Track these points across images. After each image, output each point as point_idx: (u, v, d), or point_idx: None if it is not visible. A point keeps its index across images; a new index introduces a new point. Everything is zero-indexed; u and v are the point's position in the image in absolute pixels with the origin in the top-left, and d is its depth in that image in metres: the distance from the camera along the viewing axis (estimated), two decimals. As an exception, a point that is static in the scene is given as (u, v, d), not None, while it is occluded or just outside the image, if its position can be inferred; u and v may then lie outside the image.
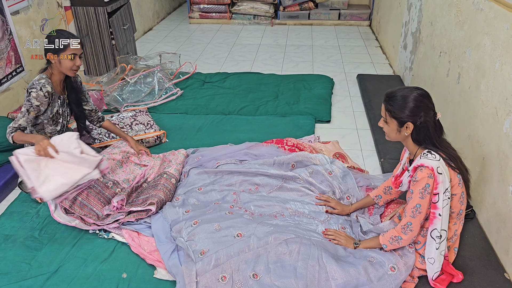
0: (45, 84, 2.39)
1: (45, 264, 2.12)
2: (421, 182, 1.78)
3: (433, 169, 1.76)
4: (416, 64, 3.84)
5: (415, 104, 1.81)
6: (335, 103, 3.98)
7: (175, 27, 6.79)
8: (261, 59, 5.27)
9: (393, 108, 1.85)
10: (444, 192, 1.78)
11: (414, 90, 1.86)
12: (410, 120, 1.83)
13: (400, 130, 1.88)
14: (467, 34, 2.65)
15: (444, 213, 1.81)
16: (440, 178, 1.76)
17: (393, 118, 1.87)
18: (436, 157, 1.80)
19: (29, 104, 2.37)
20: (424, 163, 1.78)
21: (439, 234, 1.82)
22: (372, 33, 6.29)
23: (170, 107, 3.85)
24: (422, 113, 1.81)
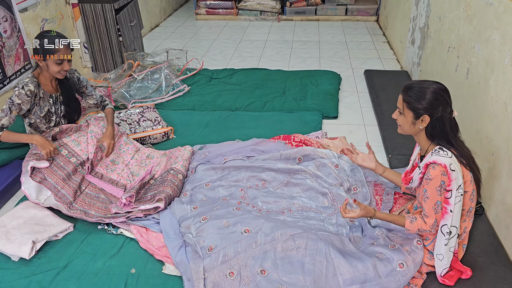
0: (28, 83, 2.39)
1: (55, 259, 2.14)
2: (435, 180, 1.77)
3: (446, 166, 1.75)
4: (424, 60, 3.81)
5: (434, 97, 1.78)
6: (342, 99, 3.97)
7: (181, 23, 6.79)
8: (268, 55, 5.26)
9: (411, 99, 1.82)
10: (457, 189, 1.76)
11: (434, 83, 1.83)
12: (427, 113, 1.80)
13: (415, 123, 1.85)
14: (476, 29, 2.63)
15: (456, 209, 1.79)
16: (453, 175, 1.75)
17: (410, 110, 1.84)
18: (448, 153, 1.78)
19: (11, 102, 2.38)
20: (437, 160, 1.76)
21: (449, 230, 1.81)
22: (379, 29, 6.24)
23: (177, 103, 3.86)
24: (440, 107, 1.78)
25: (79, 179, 2.47)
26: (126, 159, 2.73)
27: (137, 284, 1.99)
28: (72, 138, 2.61)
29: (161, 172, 2.65)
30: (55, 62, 2.38)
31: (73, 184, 2.42)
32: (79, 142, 2.60)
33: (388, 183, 2.53)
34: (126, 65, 4.17)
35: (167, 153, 2.84)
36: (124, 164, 2.69)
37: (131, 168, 2.69)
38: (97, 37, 4.22)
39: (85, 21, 4.13)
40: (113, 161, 2.67)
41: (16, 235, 2.17)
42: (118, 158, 2.70)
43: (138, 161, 2.76)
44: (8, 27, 3.17)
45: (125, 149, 2.78)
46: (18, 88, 2.37)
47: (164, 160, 2.75)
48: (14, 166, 2.79)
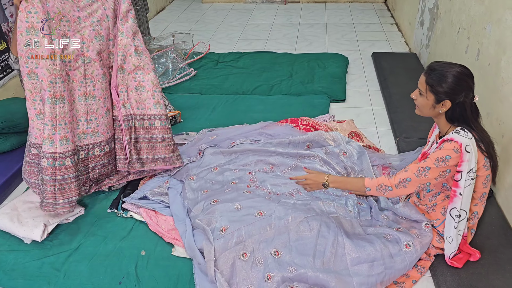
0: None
1: (66, 242, 2.17)
2: (444, 151, 1.73)
3: (462, 145, 1.70)
4: (434, 41, 3.76)
5: (458, 82, 1.72)
6: (350, 82, 3.94)
7: (187, 6, 6.74)
8: (275, 38, 5.22)
9: (435, 82, 1.75)
10: (468, 172, 1.73)
11: (458, 66, 1.75)
12: (449, 98, 1.75)
13: (436, 107, 1.80)
14: (488, 8, 2.58)
15: (466, 193, 1.77)
16: (466, 156, 1.71)
17: (432, 93, 1.78)
18: (468, 135, 1.73)
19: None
20: (454, 137, 1.73)
21: (458, 213, 1.80)
22: (387, 10, 6.15)
23: (184, 87, 3.85)
24: (464, 93, 1.73)
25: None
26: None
27: (147, 265, 2.02)
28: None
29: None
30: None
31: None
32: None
33: (397, 166, 2.52)
34: (133, 49, 4.15)
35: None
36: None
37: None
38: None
39: (90, 4, 4.10)
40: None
41: (28, 218, 2.20)
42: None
43: None
44: (14, 11, 3.16)
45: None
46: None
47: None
48: (24, 150, 2.81)
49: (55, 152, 2.08)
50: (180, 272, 1.98)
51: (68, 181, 2.15)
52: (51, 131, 2.07)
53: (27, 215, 2.22)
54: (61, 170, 2.11)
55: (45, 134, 2.08)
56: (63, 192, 2.14)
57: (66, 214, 2.27)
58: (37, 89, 2.10)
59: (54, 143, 2.08)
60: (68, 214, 2.28)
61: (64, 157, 2.11)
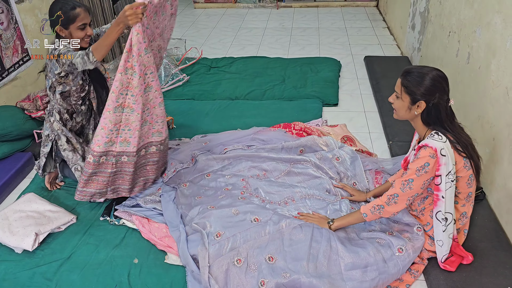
0: (69, 47, 2.23)
1: (58, 251, 2.15)
2: (421, 160, 1.77)
3: (437, 150, 1.74)
4: (425, 45, 3.78)
5: (432, 84, 1.77)
6: (343, 86, 3.95)
7: (180, 12, 6.73)
8: (267, 42, 5.23)
9: (410, 83, 1.81)
10: (447, 174, 1.76)
11: (434, 70, 1.82)
12: (424, 98, 1.79)
13: (411, 108, 1.84)
14: (477, 12, 2.60)
15: (448, 195, 1.80)
16: (443, 160, 1.75)
17: (407, 94, 1.83)
18: (442, 138, 1.78)
19: (65, 48, 2.19)
20: (429, 143, 1.77)
21: (444, 216, 1.82)
22: (379, 14, 6.19)
23: (176, 93, 3.85)
24: (437, 94, 1.77)
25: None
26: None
27: (140, 273, 2.01)
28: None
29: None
30: (78, 28, 2.23)
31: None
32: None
33: (389, 170, 2.53)
34: (125, 55, 4.14)
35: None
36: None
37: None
38: (95, 27, 4.18)
39: (82, 11, 4.10)
40: None
41: (18, 228, 2.18)
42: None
43: None
44: (5, 18, 3.15)
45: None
46: (67, 48, 2.20)
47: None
48: (16, 158, 2.80)
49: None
50: (173, 280, 1.97)
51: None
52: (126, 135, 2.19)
53: (18, 224, 2.20)
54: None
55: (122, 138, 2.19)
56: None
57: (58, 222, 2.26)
58: (119, 118, 2.15)
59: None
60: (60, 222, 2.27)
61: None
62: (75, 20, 2.22)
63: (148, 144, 2.34)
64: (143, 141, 2.30)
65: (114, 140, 2.18)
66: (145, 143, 2.32)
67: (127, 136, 2.19)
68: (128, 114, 2.15)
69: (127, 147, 2.21)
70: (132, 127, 2.17)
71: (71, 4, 2.21)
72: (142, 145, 2.30)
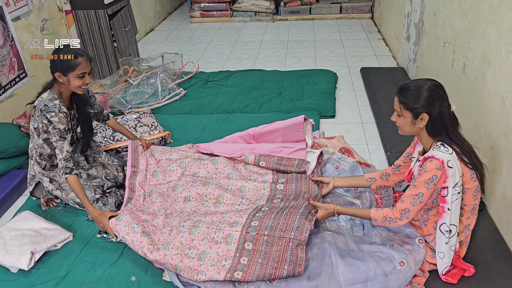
0: (61, 106, 2.29)
1: (54, 270, 2.12)
2: (429, 172, 1.75)
3: (443, 162, 1.73)
4: (420, 56, 3.80)
5: (430, 94, 1.76)
6: (339, 98, 3.95)
7: (176, 26, 6.78)
8: (264, 55, 5.25)
9: (407, 100, 1.80)
10: (454, 186, 1.74)
11: (427, 81, 1.81)
12: (425, 111, 1.78)
13: (415, 122, 1.83)
14: (471, 23, 2.61)
15: (454, 207, 1.78)
16: (449, 172, 1.73)
17: (408, 110, 1.82)
18: (448, 150, 1.76)
19: (58, 131, 2.26)
20: (435, 154, 1.75)
21: (448, 228, 1.79)
22: (374, 26, 6.23)
23: (174, 107, 3.85)
24: (437, 103, 1.77)
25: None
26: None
27: (137, 292, 1.98)
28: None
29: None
30: (77, 77, 2.26)
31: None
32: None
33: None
34: (122, 71, 4.15)
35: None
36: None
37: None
38: (92, 43, 4.21)
39: (79, 27, 4.12)
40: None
41: (14, 246, 2.15)
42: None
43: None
44: (1, 36, 3.15)
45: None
46: (56, 113, 2.26)
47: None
48: (11, 176, 2.78)
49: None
50: (171, 298, 1.94)
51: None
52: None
53: (13, 243, 2.17)
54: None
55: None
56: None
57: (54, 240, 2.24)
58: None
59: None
60: (56, 240, 2.24)
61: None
62: (75, 68, 2.25)
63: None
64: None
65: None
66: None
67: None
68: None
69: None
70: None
71: (74, 52, 2.24)
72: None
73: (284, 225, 1.97)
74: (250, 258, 1.89)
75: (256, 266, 1.86)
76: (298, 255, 1.86)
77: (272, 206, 2.21)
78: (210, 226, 2.06)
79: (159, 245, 2.07)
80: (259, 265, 1.86)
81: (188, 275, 1.92)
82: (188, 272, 1.92)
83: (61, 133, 2.27)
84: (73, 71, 2.25)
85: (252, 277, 1.82)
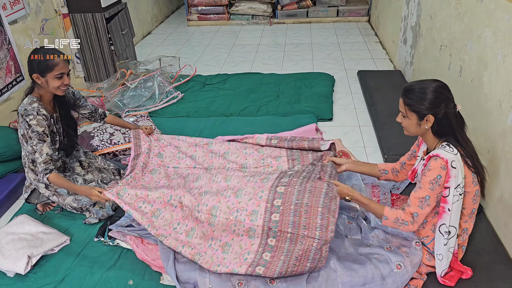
0: (39, 108, 2.26)
1: (51, 274, 2.11)
2: (433, 172, 1.74)
3: (448, 161, 1.72)
4: (417, 59, 3.82)
5: (435, 96, 1.76)
6: (337, 101, 3.96)
7: (173, 30, 6.78)
8: (261, 59, 5.26)
9: (412, 101, 1.79)
10: (456, 187, 1.74)
11: (432, 82, 1.81)
12: (431, 112, 1.77)
13: (420, 124, 1.82)
14: (468, 26, 2.63)
15: (454, 209, 1.77)
16: (453, 172, 1.72)
17: (413, 112, 1.81)
18: (453, 150, 1.76)
19: (36, 133, 2.23)
20: (440, 154, 1.74)
21: (448, 230, 1.79)
22: (371, 29, 6.26)
23: (171, 110, 3.84)
24: (443, 104, 1.76)
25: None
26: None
27: (135, 296, 1.97)
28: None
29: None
30: (55, 77, 2.23)
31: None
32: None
33: (385, 184, 2.52)
34: (119, 74, 4.15)
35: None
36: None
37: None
38: (89, 46, 4.20)
39: (76, 31, 4.11)
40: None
41: (11, 250, 2.14)
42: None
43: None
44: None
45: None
46: (34, 116, 2.23)
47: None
48: (8, 179, 2.77)
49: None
50: (169, 301, 1.93)
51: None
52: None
53: (10, 247, 2.16)
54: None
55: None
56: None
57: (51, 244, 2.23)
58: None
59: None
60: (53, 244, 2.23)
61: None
62: (53, 69, 2.22)
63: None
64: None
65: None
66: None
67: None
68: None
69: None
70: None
71: (50, 53, 2.23)
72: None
73: (307, 221, 1.88)
74: (273, 255, 1.87)
75: (278, 263, 1.84)
76: (322, 254, 1.84)
77: (291, 179, 2.09)
78: (228, 217, 2.00)
79: (176, 226, 2.11)
80: (281, 262, 1.84)
81: (207, 265, 1.92)
82: (208, 262, 1.92)
83: (40, 136, 2.24)
84: (51, 71, 2.22)
85: (273, 273, 1.81)
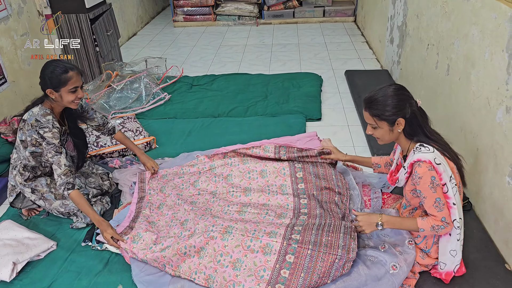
0: (53, 121, 2.22)
1: (37, 280, 2.06)
2: (424, 177, 1.74)
3: (431, 161, 1.73)
4: (404, 58, 3.83)
5: (398, 98, 1.79)
6: (325, 101, 3.96)
7: (159, 31, 6.72)
8: (248, 59, 5.24)
9: (379, 111, 1.82)
10: (450, 180, 1.75)
11: (388, 87, 1.84)
12: (400, 115, 1.80)
13: (393, 129, 1.85)
14: (455, 25, 2.64)
15: (457, 201, 1.77)
16: (440, 168, 1.73)
17: (383, 120, 1.83)
18: (430, 149, 1.78)
19: (53, 146, 2.20)
20: (421, 157, 1.75)
21: (459, 224, 1.79)
22: (357, 29, 6.28)
23: (158, 112, 3.80)
24: (407, 104, 1.80)
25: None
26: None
27: (125, 301, 1.93)
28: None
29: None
30: (69, 91, 2.18)
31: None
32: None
33: (376, 183, 2.52)
34: (105, 76, 4.09)
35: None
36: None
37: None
38: (73, 48, 4.12)
39: (60, 32, 4.04)
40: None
41: None
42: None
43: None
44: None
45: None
46: (50, 129, 2.19)
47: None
48: (-9, 184, 2.70)
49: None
50: (159, 306, 1.89)
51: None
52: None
53: None
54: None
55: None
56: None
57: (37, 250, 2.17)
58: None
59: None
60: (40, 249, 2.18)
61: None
62: (66, 83, 2.17)
63: None
64: None
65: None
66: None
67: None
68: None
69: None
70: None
71: (63, 67, 2.17)
72: None
73: (329, 242, 1.88)
74: (291, 272, 1.82)
75: (298, 281, 1.80)
76: (344, 271, 1.83)
77: (306, 224, 2.05)
78: (245, 234, 1.96)
79: (188, 251, 1.99)
80: (302, 280, 1.80)
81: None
82: (221, 284, 1.87)
83: (56, 148, 2.21)
84: (65, 86, 2.17)
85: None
